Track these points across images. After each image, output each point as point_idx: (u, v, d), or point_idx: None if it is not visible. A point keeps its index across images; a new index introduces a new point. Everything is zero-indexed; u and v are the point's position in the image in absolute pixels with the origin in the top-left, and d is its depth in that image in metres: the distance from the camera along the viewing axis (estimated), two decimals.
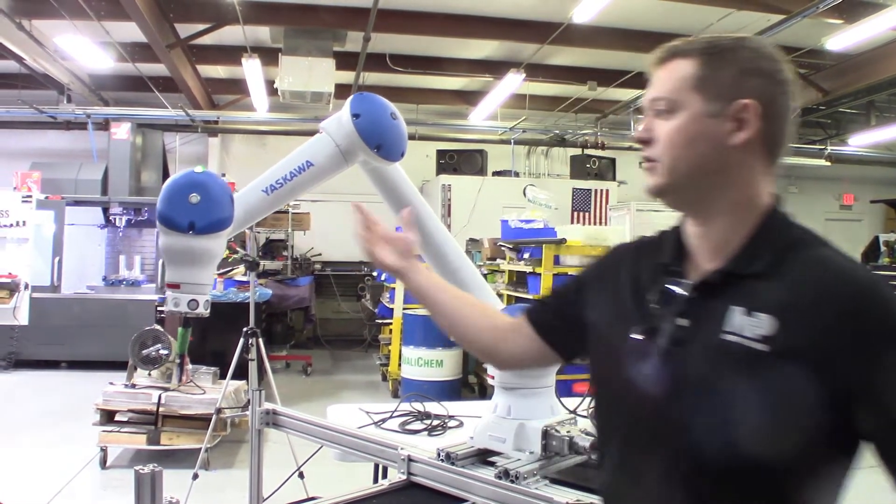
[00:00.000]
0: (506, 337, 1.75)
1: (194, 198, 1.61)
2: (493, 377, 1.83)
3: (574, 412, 3.00)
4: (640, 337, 1.46)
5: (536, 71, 10.91)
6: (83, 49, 9.34)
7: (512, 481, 1.65)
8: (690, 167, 1.43)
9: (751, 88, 1.41)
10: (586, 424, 2.69)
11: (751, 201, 1.44)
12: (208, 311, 1.73)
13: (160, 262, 10.62)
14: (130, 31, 8.93)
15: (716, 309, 1.38)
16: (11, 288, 10.24)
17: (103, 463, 6.04)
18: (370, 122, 1.83)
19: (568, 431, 1.74)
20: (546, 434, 1.74)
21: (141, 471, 1.26)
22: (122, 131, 11.55)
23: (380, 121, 1.86)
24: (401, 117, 1.89)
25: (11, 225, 10.45)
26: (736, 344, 1.32)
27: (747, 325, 1.33)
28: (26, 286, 10.32)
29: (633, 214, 9.76)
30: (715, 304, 1.39)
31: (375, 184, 1.98)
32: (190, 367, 6.29)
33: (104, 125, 12.12)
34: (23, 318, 10.19)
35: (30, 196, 10.60)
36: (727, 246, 1.44)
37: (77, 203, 11.01)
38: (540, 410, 1.81)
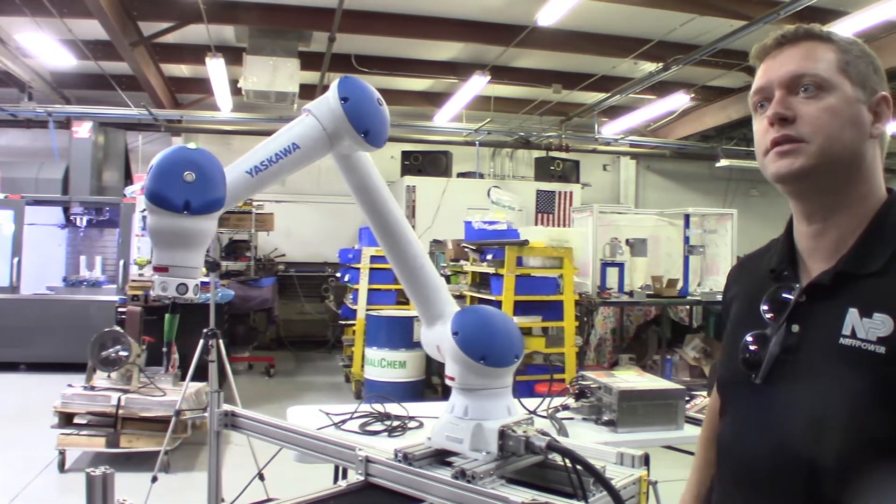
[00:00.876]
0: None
1: (189, 176, 1.54)
2: (452, 378, 1.83)
3: (534, 412, 3.03)
4: (753, 346, 1.46)
5: (501, 73, 10.95)
6: (45, 46, 9.21)
7: (468, 481, 1.66)
8: (843, 151, 1.38)
9: (879, 83, 1.41)
10: (543, 424, 2.71)
11: (872, 196, 1.42)
12: (198, 295, 1.66)
13: (121, 262, 10.50)
14: (93, 29, 8.82)
15: (830, 312, 1.36)
16: None
17: (61, 466, 5.96)
18: (359, 107, 1.79)
19: (524, 431, 1.74)
20: (503, 434, 1.74)
21: (92, 473, 1.24)
22: (83, 130, 11.42)
23: (368, 106, 1.83)
24: (385, 104, 1.88)
25: None
26: (853, 349, 1.31)
27: (864, 328, 1.31)
28: None
29: (596, 216, 9.82)
30: (829, 307, 1.37)
31: (345, 173, 1.93)
32: (176, 356, 6.25)
33: (66, 124, 11.96)
34: None
35: None
36: (843, 245, 1.41)
37: (37, 202, 10.86)
38: (497, 411, 1.81)
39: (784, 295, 1.45)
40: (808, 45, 1.41)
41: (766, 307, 1.47)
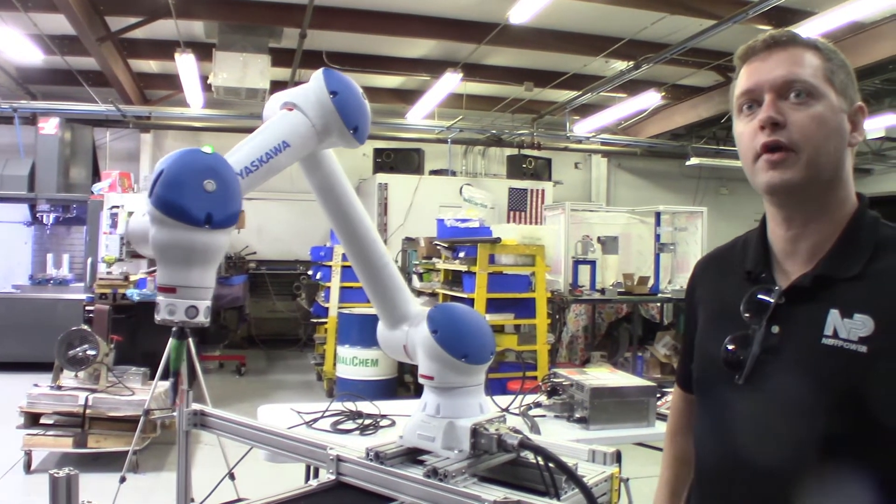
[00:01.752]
0: (691, 421, 1.74)
1: (210, 185, 1.37)
2: (431, 378, 1.81)
3: (506, 410, 3.02)
4: (732, 346, 1.47)
5: (474, 71, 10.94)
6: (9, 41, 9.06)
7: (441, 480, 1.64)
8: (828, 162, 1.39)
9: (855, 93, 1.42)
10: (516, 422, 2.71)
11: (847, 201, 1.43)
12: (208, 319, 1.49)
13: (89, 260, 10.37)
14: (59, 24, 8.69)
15: (811, 314, 1.38)
16: None
17: (27, 467, 5.88)
18: (348, 101, 1.69)
19: (497, 429, 1.74)
20: (475, 432, 1.73)
21: (56, 475, 1.21)
22: (50, 126, 11.25)
23: (357, 100, 1.73)
24: (366, 98, 1.80)
25: None
26: (836, 348, 1.32)
27: (846, 328, 1.32)
28: None
29: (568, 214, 9.85)
30: (809, 309, 1.39)
31: (309, 170, 1.84)
32: (185, 386, 6.11)
33: (32, 120, 11.77)
34: None
35: None
36: (820, 248, 1.42)
37: (2, 200, 10.73)
38: (469, 408, 1.80)
39: (762, 297, 1.46)
40: (797, 50, 1.41)
41: (744, 306, 1.47)
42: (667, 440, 1.94)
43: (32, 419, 5.95)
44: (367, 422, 2.99)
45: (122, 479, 4.95)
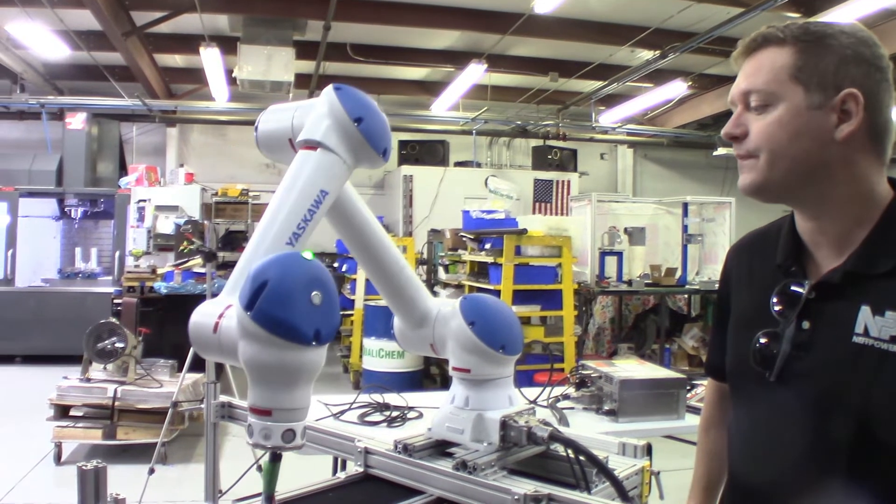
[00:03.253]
0: (724, 414, 1.71)
1: (317, 297, 1.24)
2: (467, 371, 1.79)
3: (534, 402, 3.00)
4: (764, 340, 1.44)
5: (498, 62, 10.90)
6: (36, 37, 9.14)
7: (470, 472, 1.62)
8: (793, 164, 1.35)
9: (852, 77, 1.32)
10: (544, 414, 2.68)
11: (866, 196, 1.37)
12: (304, 440, 1.33)
13: (116, 254, 10.46)
14: (85, 19, 8.75)
15: (842, 310, 1.34)
16: None
17: (58, 459, 5.93)
18: (374, 126, 1.55)
19: (526, 422, 1.71)
20: (504, 425, 1.71)
21: (84, 467, 1.21)
22: (77, 121, 11.35)
23: (379, 120, 1.58)
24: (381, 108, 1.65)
25: None
26: (867, 347, 1.29)
27: (877, 326, 1.29)
28: None
29: (595, 205, 9.79)
30: (840, 305, 1.35)
31: None
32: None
33: (59, 115, 11.89)
34: None
35: None
36: (848, 241, 1.38)
37: (31, 194, 10.82)
38: (498, 401, 1.78)
39: (793, 289, 1.42)
40: (763, 54, 1.38)
41: (775, 300, 1.44)
42: (700, 434, 1.91)
43: (62, 411, 6.01)
44: (395, 414, 2.97)
45: (151, 471, 4.97)
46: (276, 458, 1.38)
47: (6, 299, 10.11)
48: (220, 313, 1.33)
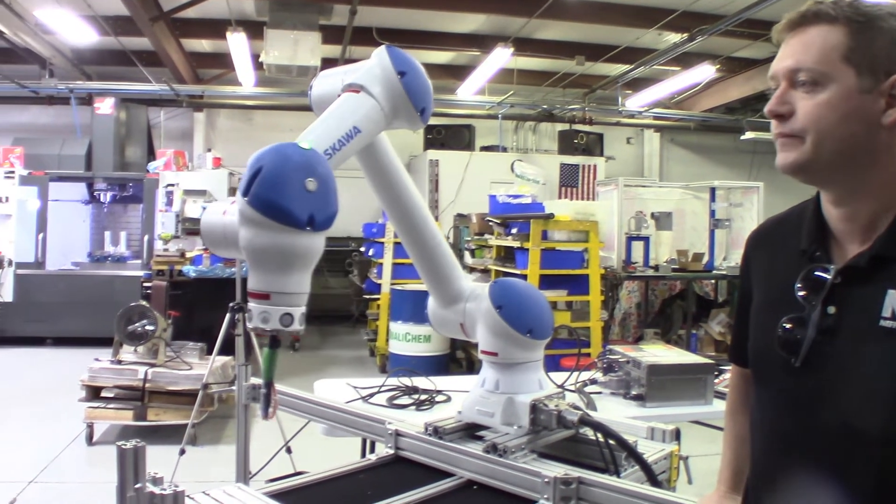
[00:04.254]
0: (749, 400, 1.70)
1: (311, 184, 1.28)
2: (495, 354, 1.80)
3: (562, 387, 3.01)
4: (789, 325, 1.43)
5: (524, 45, 10.84)
6: (65, 22, 9.20)
7: (500, 455, 1.64)
8: (839, 147, 1.33)
9: None
10: (574, 399, 2.69)
11: None
12: (303, 326, 1.38)
13: (145, 237, 10.55)
14: (113, 4, 8.80)
15: (868, 294, 1.33)
16: None
17: (89, 439, 6.03)
18: (417, 82, 1.60)
19: (556, 405, 1.72)
20: (534, 408, 1.72)
21: (123, 446, 1.23)
22: (105, 106, 11.44)
23: (423, 80, 1.64)
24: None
25: None
26: (894, 330, 1.28)
27: None
28: (10, 263, 10.25)
29: (621, 190, 9.73)
30: (866, 289, 1.34)
31: (362, 154, 1.71)
32: (277, 396, 6.00)
33: (87, 100, 11.99)
34: (7, 295, 10.14)
35: (12, 172, 10.51)
36: (875, 226, 1.37)
37: (61, 179, 10.93)
38: (528, 384, 1.78)
39: (818, 275, 1.41)
40: (813, 31, 1.34)
41: (799, 286, 1.43)
42: (727, 419, 1.91)
43: (94, 392, 6.11)
44: (423, 397, 2.99)
45: (182, 452, 5.05)
46: (274, 344, 1.46)
47: (37, 282, 10.25)
48: (225, 210, 1.41)
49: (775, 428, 1.51)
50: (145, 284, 8.66)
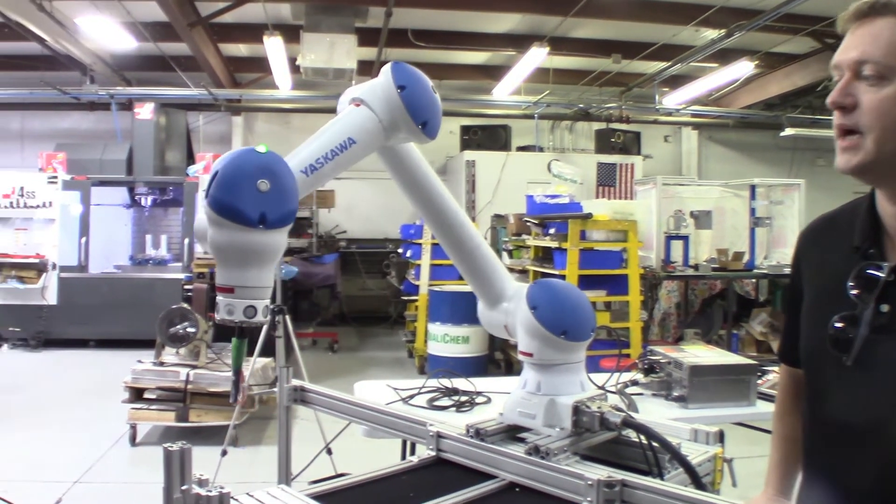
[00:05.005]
0: (800, 401, 1.69)
1: (264, 185, 1.37)
2: (530, 355, 1.79)
3: (603, 388, 2.99)
4: (840, 324, 1.41)
5: (560, 44, 10.79)
6: (105, 29, 9.34)
7: (542, 457, 1.63)
8: None
9: None
10: (616, 400, 2.67)
11: None
12: (267, 318, 1.50)
13: (186, 241, 10.67)
14: (151, 11, 8.93)
15: None
16: (39, 268, 10.36)
17: (133, 440, 6.11)
18: (416, 96, 1.65)
19: (599, 407, 1.71)
20: (577, 410, 1.71)
21: (170, 448, 1.24)
22: (145, 111, 11.59)
23: (425, 94, 1.68)
24: (437, 91, 1.74)
25: (38, 206, 10.53)
26: None
27: None
28: (54, 266, 10.42)
29: (660, 188, 9.64)
30: None
31: (391, 166, 1.80)
32: (246, 384, 5.86)
33: (128, 105, 12.17)
34: (51, 298, 10.32)
35: (55, 177, 10.68)
36: None
37: (102, 183, 11.08)
38: (570, 386, 1.77)
39: (871, 272, 1.38)
40: (882, 22, 1.31)
41: (852, 284, 1.40)
42: (775, 420, 1.88)
43: (137, 394, 6.19)
44: (464, 399, 2.99)
45: (224, 453, 5.09)
46: (241, 335, 1.58)
47: (80, 285, 10.41)
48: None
49: (827, 427, 1.49)
50: (186, 287, 8.76)
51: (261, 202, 1.37)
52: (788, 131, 13.63)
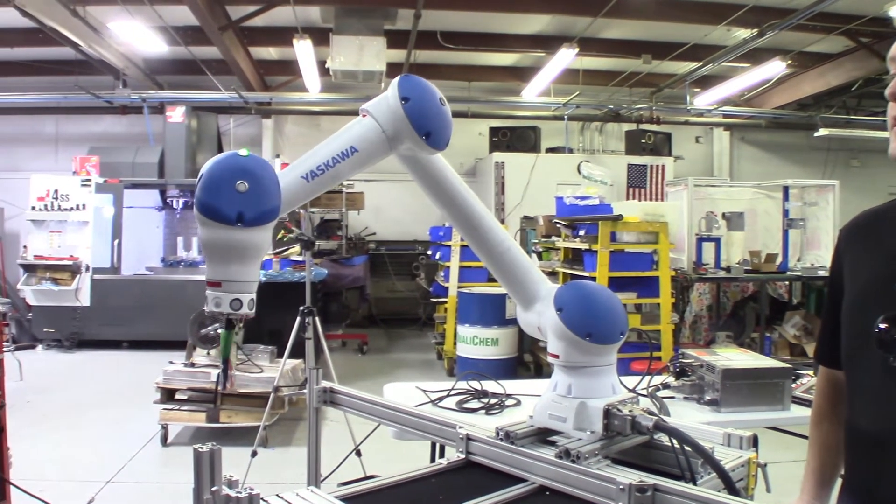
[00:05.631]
0: (837, 406, 1.68)
1: (242, 186, 1.46)
2: (556, 356, 1.78)
3: (634, 391, 2.96)
4: (885, 325, 1.39)
5: (590, 45, 10.74)
6: (137, 34, 9.44)
7: (573, 461, 1.61)
8: None
9: None
10: (648, 404, 2.65)
11: None
12: (253, 310, 1.60)
13: None
14: (182, 15, 9.01)
15: None
16: (73, 270, 10.49)
17: (164, 440, 6.16)
18: (420, 108, 1.69)
19: (630, 411, 1.69)
20: (608, 413, 1.69)
21: (200, 449, 1.25)
22: (177, 114, 11.70)
23: (429, 106, 1.71)
24: (447, 104, 1.77)
25: (72, 208, 10.66)
26: None
27: None
28: (87, 268, 10.54)
29: (691, 190, 9.56)
30: None
31: (415, 175, 1.85)
32: (234, 372, 6.23)
33: (159, 109, 12.29)
34: (85, 300, 10.44)
35: (89, 180, 10.82)
36: None
37: (135, 186, 11.21)
38: (601, 389, 1.76)
39: None
40: None
41: None
42: (812, 426, 1.84)
43: (168, 395, 6.24)
44: (493, 401, 2.97)
45: (254, 454, 5.12)
46: (229, 326, 1.70)
47: (113, 287, 10.53)
48: None
49: (871, 431, 1.46)
50: None
51: (239, 202, 1.47)
52: (822, 132, 13.46)
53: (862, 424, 1.50)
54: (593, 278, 7.18)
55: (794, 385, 3.12)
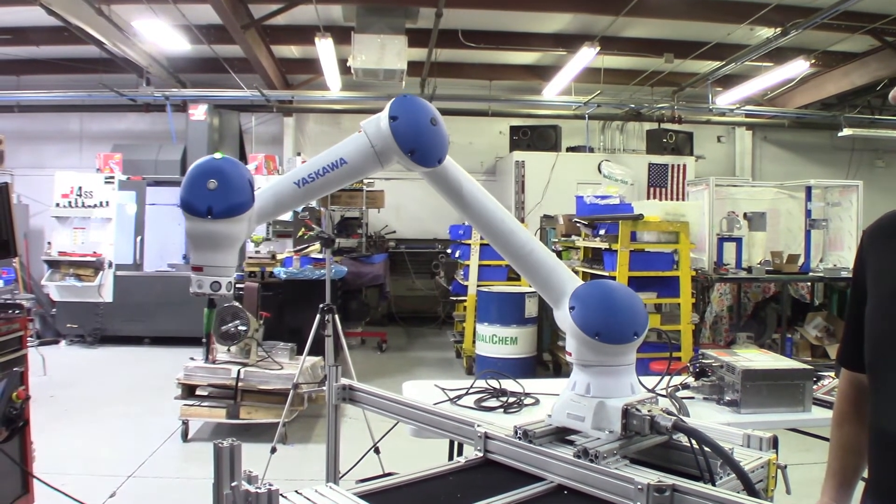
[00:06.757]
0: (859, 408, 1.67)
1: (212, 184, 1.70)
2: (570, 354, 1.78)
3: (653, 391, 2.95)
4: None
5: (611, 44, 10.70)
6: (160, 32, 9.50)
7: (591, 460, 1.61)
8: None
9: None
10: (667, 403, 2.64)
11: None
12: (231, 292, 1.81)
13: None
14: (206, 13, 9.06)
15: None
16: (96, 266, 10.58)
17: (185, 436, 6.20)
18: (407, 126, 1.81)
19: (649, 410, 1.69)
20: (626, 413, 1.69)
21: (220, 445, 1.26)
22: (199, 112, 11.76)
23: (417, 125, 1.83)
24: (442, 123, 1.88)
25: (96, 205, 10.76)
26: None
27: None
28: (110, 265, 10.64)
29: (713, 189, 9.50)
30: None
31: (433, 184, 1.98)
32: (216, 345, 6.40)
33: (182, 107, 12.37)
34: (107, 296, 10.54)
35: (112, 177, 10.91)
36: None
37: (157, 183, 11.26)
38: (620, 389, 1.76)
39: None
40: None
41: None
42: (833, 428, 1.83)
43: (189, 391, 6.28)
44: (511, 400, 2.97)
45: (273, 450, 5.15)
46: (211, 305, 1.99)
47: (135, 283, 10.61)
48: None
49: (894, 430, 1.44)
50: (238, 286, 8.83)
51: (208, 198, 1.71)
52: (846, 132, 13.34)
53: (886, 427, 1.49)
54: (613, 278, 7.15)
55: (815, 387, 3.10)
